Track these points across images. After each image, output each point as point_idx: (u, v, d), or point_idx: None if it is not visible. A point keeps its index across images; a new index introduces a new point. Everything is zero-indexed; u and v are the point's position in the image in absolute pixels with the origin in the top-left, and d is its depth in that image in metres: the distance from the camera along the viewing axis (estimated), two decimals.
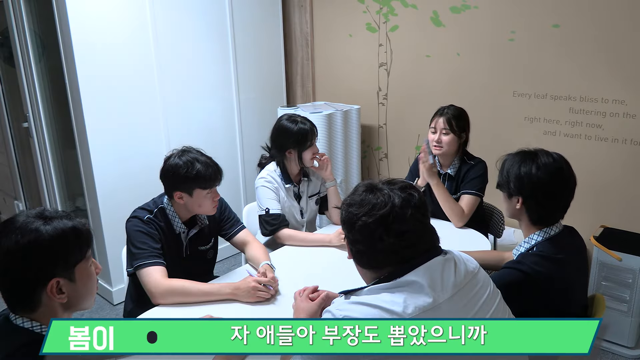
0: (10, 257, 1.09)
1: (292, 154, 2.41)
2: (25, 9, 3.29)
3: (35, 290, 1.12)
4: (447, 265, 1.18)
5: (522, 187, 1.58)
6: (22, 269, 1.10)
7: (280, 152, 2.42)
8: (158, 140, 3.29)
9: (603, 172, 2.88)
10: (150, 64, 3.17)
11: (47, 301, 1.13)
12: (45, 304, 1.14)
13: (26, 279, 1.11)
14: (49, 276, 1.12)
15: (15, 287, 1.12)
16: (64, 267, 1.14)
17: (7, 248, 1.09)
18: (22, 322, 1.14)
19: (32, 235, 1.10)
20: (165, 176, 1.93)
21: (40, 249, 1.10)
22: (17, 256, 1.09)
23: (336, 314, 1.12)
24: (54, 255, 1.12)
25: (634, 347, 2.67)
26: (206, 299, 1.79)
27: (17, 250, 1.09)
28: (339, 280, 1.54)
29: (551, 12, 2.87)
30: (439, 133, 2.45)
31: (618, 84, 2.75)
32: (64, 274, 1.14)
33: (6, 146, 4.15)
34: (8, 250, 1.09)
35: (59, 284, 1.13)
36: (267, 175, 2.42)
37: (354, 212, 1.19)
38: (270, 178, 2.41)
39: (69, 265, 1.15)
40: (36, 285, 1.12)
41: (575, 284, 1.62)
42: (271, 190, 2.39)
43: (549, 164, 1.57)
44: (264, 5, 3.79)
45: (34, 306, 1.13)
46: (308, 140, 2.39)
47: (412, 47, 3.47)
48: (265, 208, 2.36)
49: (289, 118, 2.43)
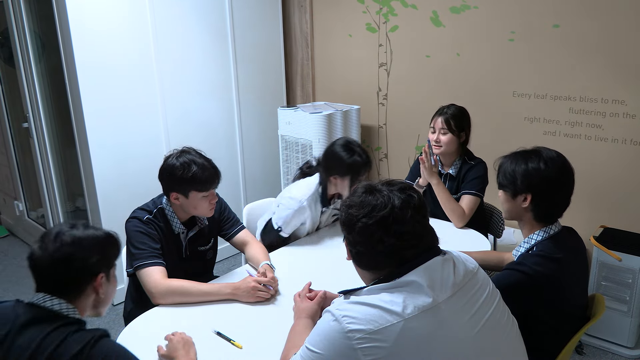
0: (76, 245, 1.25)
1: (337, 180, 2.27)
2: (25, 9, 3.29)
3: (85, 281, 1.28)
4: (446, 265, 1.19)
5: (531, 183, 1.58)
6: (83, 257, 1.26)
7: (326, 175, 2.29)
8: (158, 140, 3.29)
9: (603, 172, 2.88)
10: (150, 64, 3.17)
11: (88, 293, 1.29)
12: (85, 296, 1.29)
13: (84, 268, 1.27)
14: (99, 270, 1.29)
15: (71, 274, 1.26)
16: (108, 265, 1.33)
17: (73, 238, 1.26)
18: (67, 309, 1.25)
19: (91, 232, 1.30)
20: (162, 176, 1.93)
21: (99, 243, 1.30)
22: (82, 245, 1.26)
23: (336, 314, 1.12)
24: (105, 252, 1.31)
25: (634, 347, 2.67)
26: (206, 299, 1.79)
27: (81, 240, 1.26)
28: (338, 280, 1.55)
29: (551, 12, 2.87)
30: (438, 133, 2.46)
31: (618, 84, 2.75)
32: (107, 272, 1.33)
33: (6, 146, 4.15)
34: (74, 240, 1.25)
35: (102, 278, 1.30)
36: (306, 199, 2.27)
37: (354, 214, 1.19)
38: (306, 205, 2.27)
39: (110, 265, 1.34)
40: (89, 275, 1.28)
41: (575, 284, 1.62)
42: (300, 218, 2.29)
43: (554, 158, 1.59)
44: (264, 5, 3.79)
45: (75, 296, 1.28)
46: (360, 175, 2.25)
47: (412, 47, 3.47)
48: (280, 227, 2.27)
49: (346, 145, 2.27)
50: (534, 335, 1.48)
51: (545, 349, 1.54)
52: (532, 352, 1.32)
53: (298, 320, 1.54)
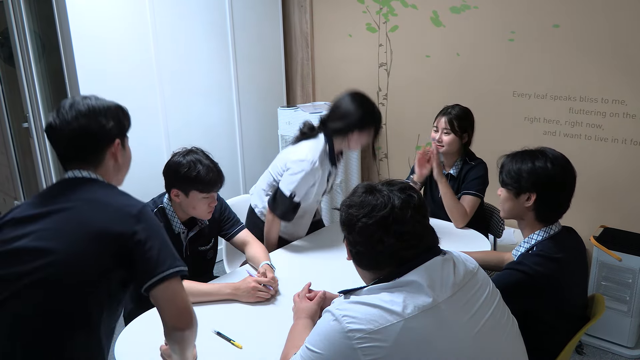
0: (92, 113, 1.31)
1: (357, 134, 2.18)
2: (25, 9, 3.29)
3: (104, 146, 1.34)
4: (446, 265, 1.19)
5: (537, 182, 1.58)
6: (100, 123, 1.32)
7: (346, 132, 2.17)
8: (158, 140, 3.29)
9: (603, 172, 2.88)
10: (150, 64, 3.17)
11: (107, 160, 1.36)
12: (106, 163, 1.36)
13: (102, 133, 1.32)
14: (115, 135, 1.36)
15: (90, 142, 1.32)
16: (122, 132, 1.39)
17: (88, 106, 1.31)
18: (98, 177, 1.34)
19: (103, 101, 1.35)
20: (167, 172, 1.94)
21: (112, 111, 1.35)
22: (97, 112, 1.32)
23: (336, 314, 1.12)
24: (119, 118, 1.37)
25: (634, 347, 2.67)
26: (206, 299, 1.79)
27: (96, 108, 1.32)
28: (338, 280, 1.55)
29: (551, 12, 2.87)
30: (441, 132, 2.45)
31: (618, 84, 2.75)
32: (122, 139, 1.39)
33: (6, 146, 4.15)
34: (89, 108, 1.31)
35: (119, 144, 1.37)
36: (316, 159, 2.15)
37: (354, 214, 1.19)
38: (318, 165, 2.16)
39: (124, 132, 1.40)
40: (107, 140, 1.34)
41: (575, 284, 1.62)
42: (311, 180, 2.18)
43: (559, 157, 1.60)
44: (263, 5, 3.79)
45: (98, 164, 1.35)
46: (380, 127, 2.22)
47: (412, 47, 3.47)
48: (292, 192, 2.15)
49: (357, 96, 2.18)
50: (534, 335, 1.48)
51: (545, 349, 1.54)
52: (532, 352, 1.32)
53: (298, 321, 1.54)
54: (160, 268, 1.23)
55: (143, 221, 1.26)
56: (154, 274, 1.23)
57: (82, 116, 1.30)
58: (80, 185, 1.31)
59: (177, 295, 1.26)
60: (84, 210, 1.26)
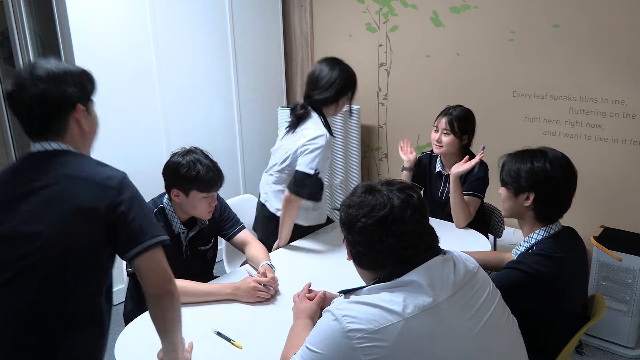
0: (51, 80, 1.26)
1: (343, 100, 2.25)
2: (25, 9, 3.29)
3: (66, 113, 1.29)
4: (447, 265, 1.19)
5: (536, 182, 1.58)
6: (60, 91, 1.26)
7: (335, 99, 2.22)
8: (158, 140, 3.29)
9: (603, 172, 2.88)
10: (150, 64, 3.17)
11: (72, 128, 1.31)
12: (71, 131, 1.31)
13: (63, 101, 1.28)
14: (76, 100, 1.30)
15: (51, 110, 1.27)
16: (86, 97, 1.33)
17: (47, 72, 1.26)
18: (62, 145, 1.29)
19: (63, 65, 1.30)
20: (166, 172, 1.94)
21: (73, 75, 1.30)
22: (57, 78, 1.27)
23: (336, 314, 1.12)
24: (82, 82, 1.32)
25: (634, 347, 2.67)
26: (206, 299, 1.79)
27: (56, 74, 1.27)
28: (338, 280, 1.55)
29: (551, 12, 2.87)
30: (440, 133, 2.45)
31: (618, 84, 2.75)
32: (86, 104, 1.33)
33: (6, 146, 4.15)
34: (48, 75, 1.26)
35: (83, 110, 1.31)
36: (326, 132, 2.17)
37: (354, 214, 1.19)
38: (330, 138, 2.18)
39: (87, 97, 1.34)
40: (68, 107, 1.29)
41: (575, 284, 1.62)
42: (328, 153, 2.19)
43: (560, 158, 1.60)
44: (263, 5, 3.79)
45: (63, 132, 1.30)
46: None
47: (412, 47, 3.47)
48: (316, 169, 2.12)
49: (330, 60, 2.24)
50: (534, 334, 1.48)
51: (545, 349, 1.54)
52: (532, 351, 1.32)
53: (298, 321, 1.54)
54: (143, 237, 1.27)
55: (124, 192, 1.27)
56: (138, 243, 1.26)
57: (41, 81, 1.25)
58: (52, 158, 1.28)
59: (159, 263, 1.30)
60: (64, 188, 1.24)
